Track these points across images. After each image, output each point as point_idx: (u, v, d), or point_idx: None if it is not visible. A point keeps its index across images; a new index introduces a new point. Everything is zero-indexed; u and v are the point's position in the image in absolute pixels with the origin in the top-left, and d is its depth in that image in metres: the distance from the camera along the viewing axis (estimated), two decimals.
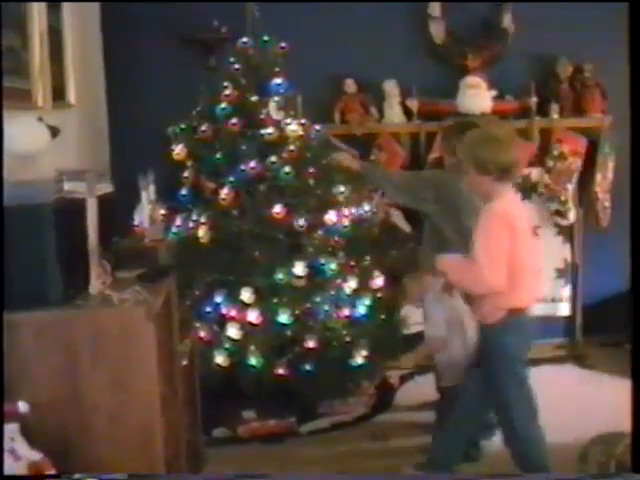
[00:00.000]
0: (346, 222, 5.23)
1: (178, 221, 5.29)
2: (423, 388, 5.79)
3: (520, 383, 4.26)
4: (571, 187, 6.50)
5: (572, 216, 6.53)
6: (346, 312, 5.26)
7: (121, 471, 3.11)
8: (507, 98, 6.51)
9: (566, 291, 6.70)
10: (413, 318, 5.87)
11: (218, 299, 5.22)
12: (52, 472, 2.88)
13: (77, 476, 2.95)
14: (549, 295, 6.67)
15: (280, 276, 5.07)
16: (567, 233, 6.65)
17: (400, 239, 5.92)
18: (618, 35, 6.29)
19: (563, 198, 6.46)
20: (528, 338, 4.29)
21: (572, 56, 6.46)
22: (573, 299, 6.72)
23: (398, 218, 5.81)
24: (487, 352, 4.23)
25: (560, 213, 6.50)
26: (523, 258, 4.03)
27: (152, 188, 4.36)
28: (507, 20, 6.47)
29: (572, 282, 6.70)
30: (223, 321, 5.19)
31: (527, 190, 6.53)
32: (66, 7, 5.00)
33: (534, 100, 6.41)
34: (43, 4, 4.50)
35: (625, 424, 3.24)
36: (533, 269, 4.16)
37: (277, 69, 5.43)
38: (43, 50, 4.45)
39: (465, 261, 4.10)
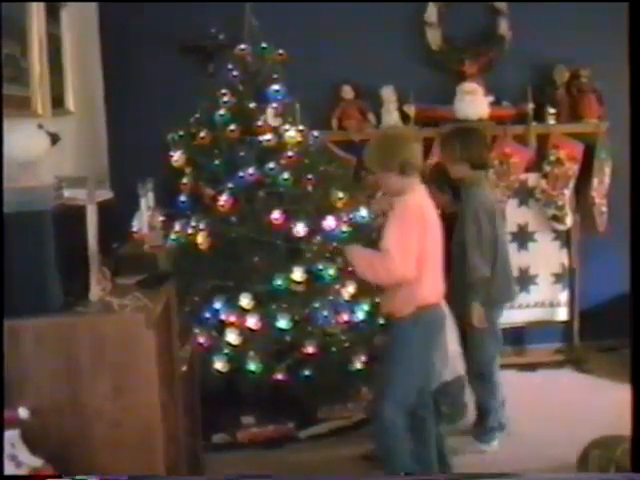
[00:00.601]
0: (345, 228, 5.24)
1: (177, 227, 5.30)
2: None
3: (406, 370, 4.28)
4: (568, 192, 6.52)
5: (569, 221, 6.54)
6: (345, 317, 5.27)
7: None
8: (504, 104, 6.52)
9: (564, 296, 6.70)
10: None
11: (217, 305, 5.23)
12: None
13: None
14: (547, 300, 6.68)
15: (279, 282, 5.08)
16: (564, 238, 6.65)
17: None
18: (615, 40, 6.30)
19: (560, 203, 6.48)
20: (434, 334, 4.35)
21: (569, 62, 6.48)
22: (571, 304, 6.72)
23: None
24: (393, 344, 4.36)
25: (557, 218, 6.52)
26: (432, 252, 4.20)
27: (151, 195, 4.38)
28: (504, 26, 6.49)
29: (570, 287, 6.70)
30: (222, 327, 5.19)
31: (524, 195, 6.56)
32: (65, 15, 5.02)
33: (531, 106, 6.41)
34: (42, 12, 4.51)
35: (624, 428, 3.26)
36: (436, 265, 4.29)
37: (275, 76, 5.45)
38: (42, 58, 4.46)
39: (376, 253, 4.19)
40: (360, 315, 5.35)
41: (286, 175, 5.15)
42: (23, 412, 2.96)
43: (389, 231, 4.14)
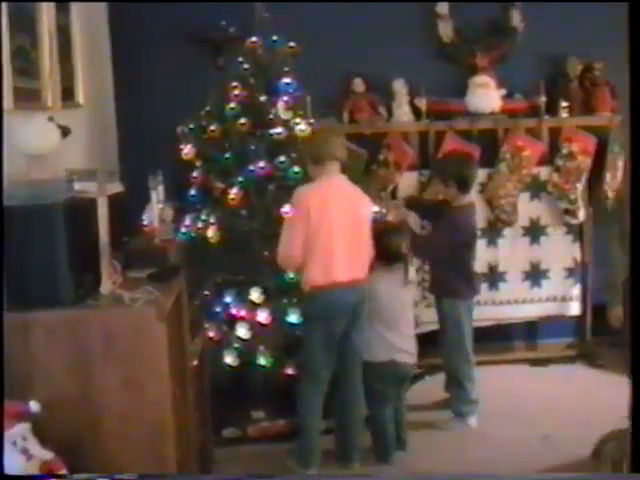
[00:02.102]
0: None
1: (187, 221, 5.29)
2: (434, 387, 5.79)
3: (310, 347, 4.70)
4: (580, 186, 6.48)
5: (582, 215, 6.51)
6: None
7: (132, 470, 3.12)
8: (516, 97, 6.48)
9: (576, 290, 6.66)
10: (424, 317, 5.87)
11: (227, 299, 5.23)
12: (63, 471, 2.89)
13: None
14: (559, 294, 6.64)
15: (290, 276, 5.06)
16: (576, 232, 6.62)
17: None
18: (627, 34, 6.27)
19: (572, 197, 6.44)
20: (331, 313, 4.63)
21: (582, 55, 6.44)
22: (583, 298, 6.69)
23: (412, 218, 5.78)
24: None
25: (570, 212, 6.48)
26: (325, 237, 4.53)
27: (161, 188, 4.36)
28: (516, 18, 6.45)
29: (582, 281, 6.67)
30: (232, 321, 5.19)
31: (536, 189, 6.52)
32: (75, 7, 5.00)
33: (543, 99, 6.38)
34: (52, 5, 4.50)
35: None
36: (329, 250, 4.57)
37: (286, 69, 5.42)
38: (52, 50, 4.45)
39: None
40: None
41: (297, 168, 5.12)
42: (34, 405, 2.95)
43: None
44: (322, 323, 4.63)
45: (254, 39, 5.42)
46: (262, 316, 5.11)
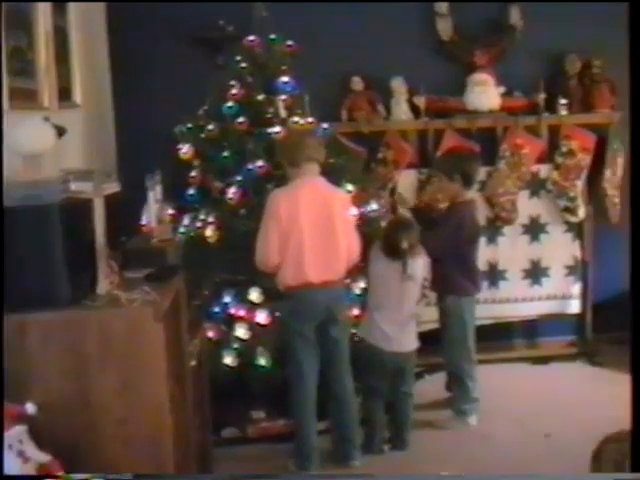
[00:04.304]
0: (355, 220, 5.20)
1: (186, 221, 5.28)
2: (433, 387, 5.78)
3: (291, 347, 4.76)
4: (580, 184, 6.47)
5: (581, 213, 6.49)
6: (355, 312, 5.23)
7: (130, 472, 3.10)
8: (515, 94, 6.47)
9: (576, 288, 6.65)
10: (425, 316, 5.86)
11: (226, 299, 5.21)
12: (60, 474, 2.87)
13: (79, 476, 2.94)
14: (559, 292, 6.63)
15: None
16: (576, 230, 6.60)
17: None
18: (626, 30, 6.26)
19: (572, 195, 6.42)
20: (304, 312, 4.70)
21: (581, 52, 6.43)
22: (583, 296, 6.67)
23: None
24: None
25: (569, 210, 6.47)
26: (296, 239, 4.56)
27: (159, 188, 4.34)
28: (515, 16, 6.44)
29: (582, 279, 6.65)
30: (231, 321, 5.17)
31: (536, 187, 6.51)
32: (72, 7, 4.99)
33: (542, 96, 6.37)
34: (49, 5, 4.48)
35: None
36: (300, 252, 4.59)
37: (284, 67, 5.41)
38: (49, 50, 4.44)
39: None
40: None
41: None
42: (31, 408, 2.93)
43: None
44: (297, 323, 4.68)
45: (252, 38, 5.41)
46: (261, 316, 5.10)
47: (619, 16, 6.25)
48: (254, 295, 5.13)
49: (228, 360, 5.10)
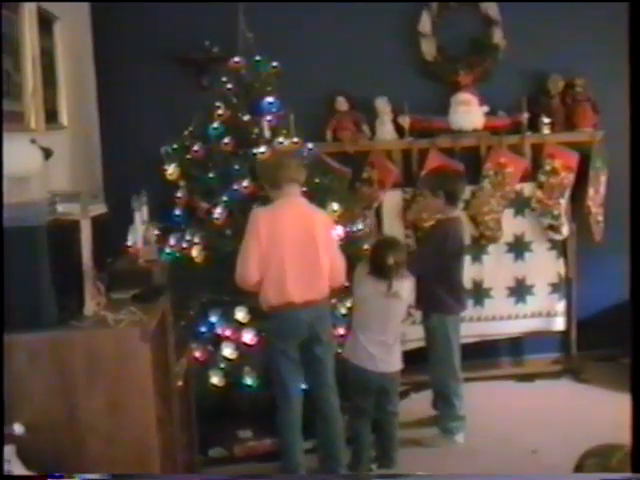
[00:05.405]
0: (340, 240, 5.22)
1: (172, 241, 5.29)
2: (420, 405, 5.79)
3: (275, 367, 4.73)
4: (564, 202, 6.51)
5: (565, 231, 6.53)
6: (341, 331, 5.25)
7: None
8: (499, 114, 6.51)
9: (560, 306, 6.68)
10: (410, 335, 5.87)
11: (213, 319, 5.23)
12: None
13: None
14: (544, 310, 6.66)
15: None
16: (560, 248, 6.64)
17: None
18: (608, 49, 6.35)
19: (556, 213, 6.47)
20: (286, 334, 4.68)
21: (563, 71, 6.48)
22: (568, 313, 6.70)
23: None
24: None
25: (553, 228, 6.51)
26: (276, 259, 4.56)
27: (145, 209, 4.37)
28: (498, 36, 6.49)
29: (566, 297, 6.68)
30: (218, 341, 5.18)
31: (520, 205, 6.55)
32: (58, 29, 5.01)
33: (525, 116, 6.42)
34: (35, 26, 4.49)
35: (621, 437, 3.24)
36: (282, 272, 4.59)
37: (269, 88, 5.44)
38: (36, 72, 4.45)
39: None
40: None
41: None
42: (18, 428, 2.94)
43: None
44: (281, 343, 4.67)
45: (237, 59, 5.44)
46: (248, 336, 5.11)
47: (601, 35, 6.37)
48: (240, 315, 5.14)
49: (215, 380, 5.11)
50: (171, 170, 5.39)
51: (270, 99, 5.38)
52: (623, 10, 6.01)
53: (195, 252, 5.19)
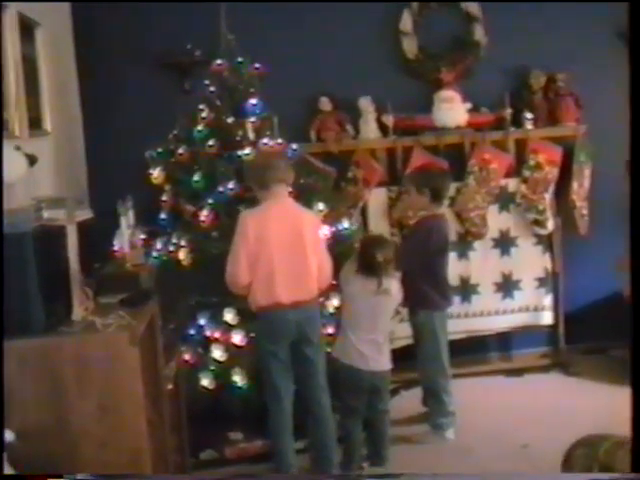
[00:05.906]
0: (326, 239, 5.23)
1: (158, 245, 5.29)
2: (410, 402, 5.81)
3: (265, 368, 4.75)
4: (548, 196, 6.53)
5: (550, 225, 6.55)
6: (329, 330, 5.26)
7: None
8: (482, 110, 6.53)
9: (548, 300, 6.70)
10: (398, 333, 5.88)
11: (202, 321, 5.23)
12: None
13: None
14: (531, 304, 6.68)
15: None
16: (546, 242, 6.66)
17: None
18: (590, 44, 6.39)
19: (541, 207, 6.49)
20: (275, 335, 4.70)
21: (545, 66, 6.51)
22: (555, 307, 6.72)
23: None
24: None
25: (538, 222, 6.53)
26: (266, 260, 4.58)
27: (131, 213, 4.37)
28: (479, 33, 6.52)
29: (553, 291, 6.70)
30: (207, 343, 5.18)
31: (505, 201, 6.57)
32: (40, 35, 5.01)
33: (509, 111, 6.44)
34: (16, 33, 4.49)
35: (612, 429, 3.26)
36: (270, 273, 4.61)
37: (252, 90, 5.44)
38: (18, 80, 4.45)
39: None
40: None
41: None
42: (8, 435, 2.94)
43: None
44: (270, 344, 4.68)
45: (220, 62, 5.45)
46: (237, 337, 5.11)
47: (582, 30, 6.40)
48: (229, 316, 5.14)
49: (205, 382, 5.11)
50: (156, 174, 5.39)
51: (253, 101, 5.39)
52: (604, 5, 6.12)
53: (182, 255, 5.19)
